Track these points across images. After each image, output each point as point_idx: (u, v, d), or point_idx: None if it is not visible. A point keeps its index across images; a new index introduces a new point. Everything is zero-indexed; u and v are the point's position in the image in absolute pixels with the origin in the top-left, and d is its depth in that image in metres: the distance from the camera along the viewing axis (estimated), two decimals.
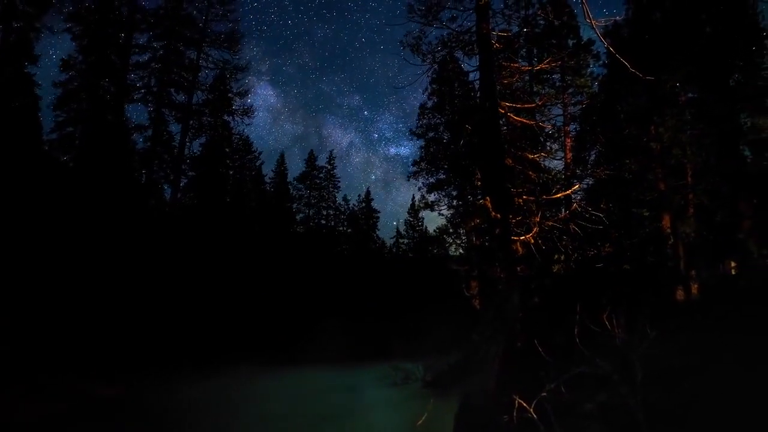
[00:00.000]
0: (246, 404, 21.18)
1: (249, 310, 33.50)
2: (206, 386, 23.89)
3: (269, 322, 33.39)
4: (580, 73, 33.21)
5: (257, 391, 23.67)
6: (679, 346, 13.59)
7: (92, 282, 25.87)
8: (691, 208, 28.08)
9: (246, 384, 24.92)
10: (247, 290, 34.89)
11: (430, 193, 39.86)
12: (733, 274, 31.14)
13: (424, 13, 22.44)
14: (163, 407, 20.17)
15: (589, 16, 5.62)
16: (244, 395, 22.69)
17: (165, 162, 40.05)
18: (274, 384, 25.43)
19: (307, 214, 60.87)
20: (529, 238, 19.53)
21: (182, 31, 40.40)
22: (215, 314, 30.98)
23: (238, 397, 22.25)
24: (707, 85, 28.35)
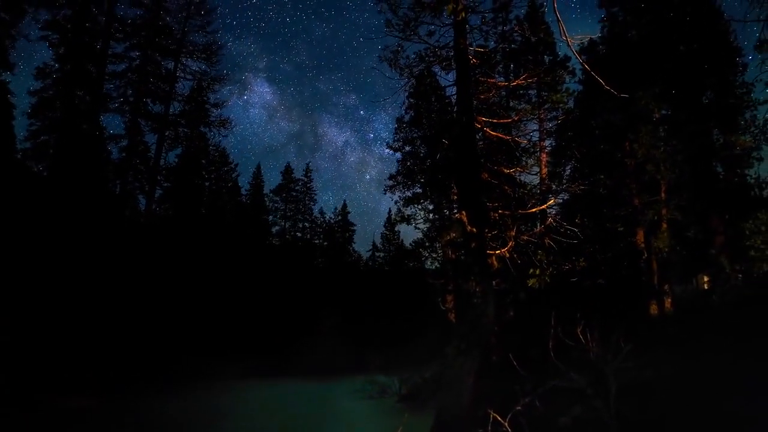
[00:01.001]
0: (217, 418, 21.02)
1: (223, 323, 33.26)
2: (180, 399, 23.68)
3: (243, 335, 33.18)
4: (556, 89, 33.45)
5: (229, 404, 23.50)
6: (652, 359, 13.70)
7: (66, 293, 25.56)
8: (665, 224, 28.35)
9: (218, 397, 24.73)
10: (222, 303, 34.66)
11: (407, 206, 39.84)
12: (706, 288, 31.47)
13: (402, 27, 22.48)
14: (134, 421, 19.99)
15: (565, 33, 5.69)
16: (216, 409, 22.52)
17: (140, 173, 39.73)
18: (246, 396, 25.29)
19: (283, 226, 60.74)
20: (504, 252, 19.61)
21: (159, 42, 40.23)
22: (188, 327, 30.72)
23: (210, 411, 22.08)
24: (681, 102, 28.72)
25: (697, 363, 14.09)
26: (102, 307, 26.80)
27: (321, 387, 27.77)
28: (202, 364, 28.54)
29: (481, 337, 16.03)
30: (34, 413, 19.65)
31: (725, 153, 28.34)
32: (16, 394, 20.23)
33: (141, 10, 39.50)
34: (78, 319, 25.32)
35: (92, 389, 22.75)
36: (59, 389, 21.91)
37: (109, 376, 24.15)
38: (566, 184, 31.78)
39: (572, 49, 6.44)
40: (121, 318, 27.37)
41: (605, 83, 6.69)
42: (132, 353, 26.35)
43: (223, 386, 26.59)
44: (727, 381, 11.93)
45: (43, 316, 23.92)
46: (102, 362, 24.62)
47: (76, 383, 22.70)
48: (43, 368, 22.30)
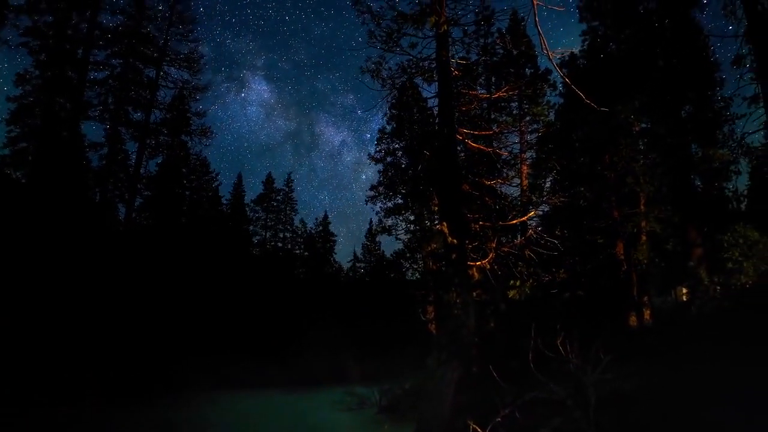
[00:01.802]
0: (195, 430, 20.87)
1: (201, 333, 33.05)
2: (156, 410, 23.49)
3: (222, 345, 32.97)
4: (537, 101, 33.71)
5: (206, 415, 23.34)
6: (632, 370, 13.78)
7: (42, 302, 25.30)
8: (644, 236, 28.57)
9: (195, 408, 24.56)
10: (201, 314, 34.46)
11: (388, 217, 39.87)
12: (685, 300, 31.69)
13: (385, 39, 22.55)
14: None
15: (546, 47, 5.75)
16: (192, 420, 22.34)
17: (120, 181, 39.47)
18: (223, 407, 25.11)
19: (263, 236, 60.55)
20: (485, 263, 19.67)
21: (141, 49, 40.05)
22: (166, 338, 30.49)
23: (186, 422, 21.90)
24: (660, 116, 29.00)
25: (677, 374, 14.18)
26: (79, 316, 26.54)
27: (300, 398, 27.63)
28: (180, 374, 28.30)
29: (461, 348, 16.05)
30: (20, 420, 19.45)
31: (704, 166, 28.62)
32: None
33: (123, 17, 39.34)
34: (55, 329, 25.06)
35: (66, 400, 22.49)
36: (34, 400, 21.65)
37: (83, 386, 23.88)
38: (547, 196, 31.96)
39: (553, 63, 6.51)
40: (99, 328, 27.11)
41: (586, 96, 6.76)
42: (108, 363, 26.09)
43: (201, 397, 26.39)
44: (707, 391, 12.01)
45: (18, 325, 23.65)
46: (76, 372, 24.34)
47: (51, 393, 22.44)
48: (14, 379, 22.03)
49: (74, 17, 35.32)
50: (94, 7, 35.98)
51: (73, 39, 35.31)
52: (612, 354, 12.21)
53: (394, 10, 22.39)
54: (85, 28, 36.10)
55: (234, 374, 30.43)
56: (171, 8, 41.54)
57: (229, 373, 30.35)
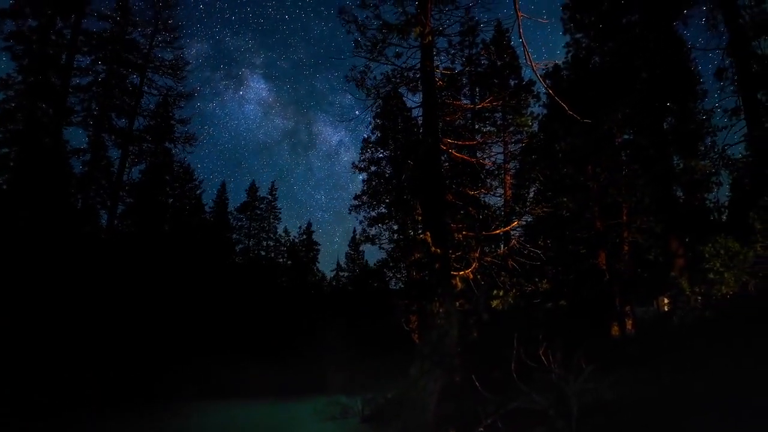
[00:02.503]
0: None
1: (182, 341, 32.83)
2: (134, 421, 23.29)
3: (203, 354, 32.77)
4: (521, 112, 33.89)
5: (186, 426, 23.16)
6: (613, 380, 13.82)
7: (24, 309, 25.06)
8: (626, 246, 28.75)
9: (175, 418, 24.37)
10: (182, 322, 34.25)
11: (372, 226, 39.86)
12: (666, 310, 31.87)
13: (370, 48, 22.64)
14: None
15: (529, 58, 5.80)
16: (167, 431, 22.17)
17: (103, 188, 39.13)
18: (204, 417, 24.94)
19: (246, 244, 60.33)
20: (468, 273, 19.73)
21: (126, 56, 39.88)
22: (147, 346, 30.27)
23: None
24: (642, 127, 29.24)
25: (659, 383, 14.25)
26: (59, 324, 26.30)
27: (282, 407, 27.48)
28: (162, 383, 28.09)
29: (444, 357, 16.07)
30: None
31: (685, 177, 28.86)
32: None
33: (108, 23, 39.16)
34: (34, 337, 24.82)
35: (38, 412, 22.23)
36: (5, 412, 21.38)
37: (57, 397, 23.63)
38: (530, 207, 32.11)
39: (537, 74, 6.56)
40: (79, 336, 26.88)
41: (569, 108, 6.82)
42: (86, 372, 25.84)
43: (182, 406, 26.16)
44: (689, 401, 12.08)
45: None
46: (51, 383, 24.09)
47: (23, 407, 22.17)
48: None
49: (58, 22, 35.09)
50: (78, 13, 35.78)
51: (57, 44, 35.06)
52: (594, 363, 12.25)
53: (380, 20, 22.50)
54: (70, 33, 35.88)
55: (216, 383, 30.22)
56: (156, 15, 41.41)
57: (210, 381, 30.14)
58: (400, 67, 23.35)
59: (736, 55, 26.06)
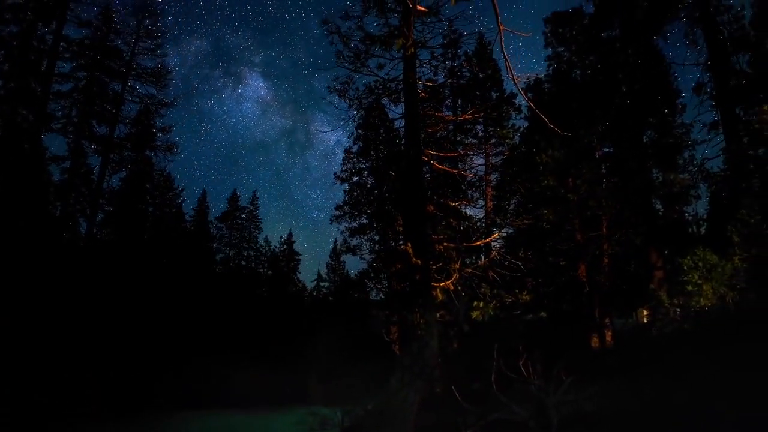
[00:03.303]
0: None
1: (161, 351, 32.57)
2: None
3: (184, 364, 32.53)
4: (502, 124, 34.05)
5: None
6: (593, 392, 13.87)
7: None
8: (606, 258, 28.90)
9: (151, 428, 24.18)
10: (161, 332, 33.98)
11: (353, 237, 39.82)
12: (645, 322, 32.04)
13: (353, 59, 22.69)
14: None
15: (511, 72, 5.84)
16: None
17: (82, 195, 38.77)
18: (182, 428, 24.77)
19: (227, 254, 59.98)
20: (449, 284, 19.75)
21: (107, 63, 39.62)
22: (125, 355, 30.00)
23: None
24: (622, 140, 29.49)
25: (638, 395, 14.32)
26: (34, 333, 26.01)
27: (261, 419, 27.31)
28: (140, 393, 27.84)
29: (424, 369, 16.06)
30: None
31: (664, 190, 29.12)
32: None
33: (90, 30, 38.88)
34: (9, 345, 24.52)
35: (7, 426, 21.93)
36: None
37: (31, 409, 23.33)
38: (510, 218, 32.25)
39: (518, 87, 6.60)
40: (55, 345, 26.59)
41: (550, 120, 6.86)
42: (63, 383, 25.56)
43: (160, 416, 25.95)
44: (667, 413, 12.15)
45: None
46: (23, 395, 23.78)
47: None
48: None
49: (40, 28, 34.84)
50: (60, 19, 35.53)
51: (38, 50, 34.79)
52: (574, 375, 12.30)
53: (363, 32, 22.57)
54: (51, 39, 35.63)
55: (193, 393, 29.99)
56: (139, 22, 41.25)
57: (190, 392, 29.90)
58: (383, 79, 23.42)
59: (715, 70, 26.39)
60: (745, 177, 23.31)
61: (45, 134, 35.77)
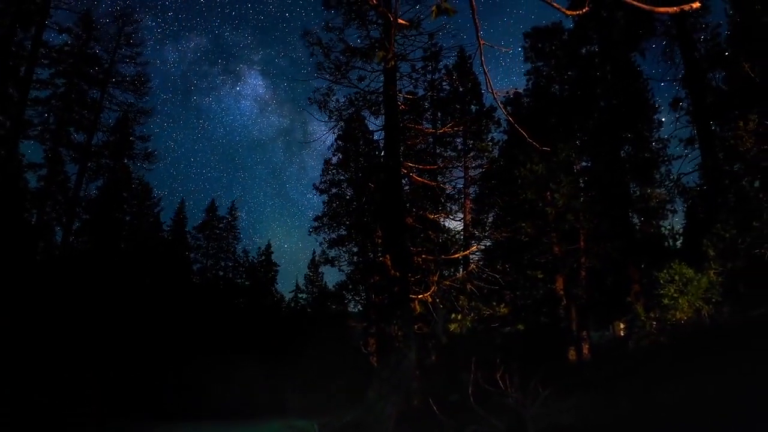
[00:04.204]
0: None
1: (137, 361, 32.27)
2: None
3: (159, 375, 32.26)
4: (482, 137, 34.19)
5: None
6: (570, 405, 13.93)
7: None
8: (583, 272, 29.05)
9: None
10: (137, 341, 33.66)
11: (331, 248, 39.72)
12: (622, 335, 32.25)
13: (333, 71, 22.73)
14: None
15: (490, 86, 5.87)
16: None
17: (59, 203, 38.39)
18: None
19: (204, 264, 59.58)
20: (427, 296, 19.78)
21: (86, 70, 39.36)
22: (101, 365, 29.67)
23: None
24: (600, 155, 29.76)
25: (614, 408, 14.39)
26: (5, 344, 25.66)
27: (237, 430, 27.15)
28: (113, 404, 27.56)
29: (402, 381, 16.05)
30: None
31: (641, 205, 29.41)
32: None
33: (69, 37, 38.64)
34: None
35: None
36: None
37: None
38: (489, 231, 32.34)
39: (498, 102, 6.63)
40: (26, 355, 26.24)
41: (529, 134, 6.90)
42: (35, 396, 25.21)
43: (136, 428, 25.71)
44: (642, 426, 12.22)
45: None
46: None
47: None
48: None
49: (18, 34, 34.52)
50: (40, 25, 35.23)
51: (17, 56, 34.45)
52: (551, 388, 12.35)
53: (344, 43, 22.61)
54: (30, 45, 35.32)
55: (169, 404, 29.77)
56: (119, 30, 41.00)
57: (163, 403, 29.68)
58: (363, 90, 23.49)
59: (692, 86, 26.74)
60: (720, 192, 23.60)
61: (22, 141, 35.37)
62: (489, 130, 34.88)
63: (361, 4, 22.09)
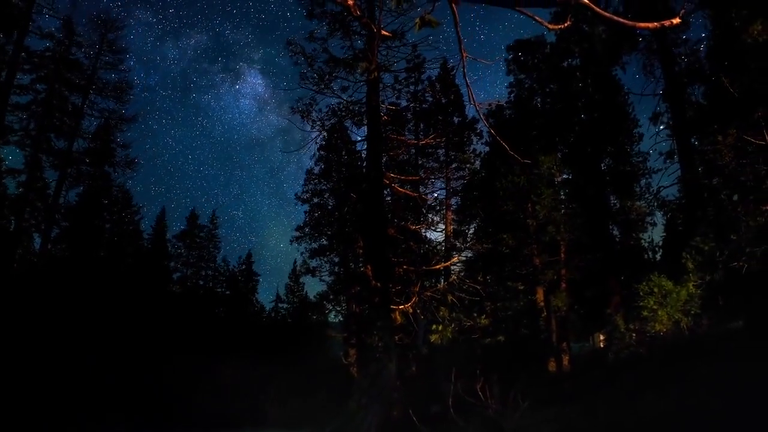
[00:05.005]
0: None
1: (116, 371, 31.97)
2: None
3: (138, 384, 31.96)
4: (464, 149, 34.30)
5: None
6: (549, 416, 13.96)
7: None
8: (564, 283, 29.16)
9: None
10: (115, 351, 33.36)
11: (312, 258, 39.60)
12: (602, 346, 32.38)
13: (317, 81, 22.74)
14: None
15: (473, 98, 5.90)
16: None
17: (37, 210, 37.99)
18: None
19: (185, 273, 59.17)
20: (408, 307, 19.79)
21: (68, 76, 39.06)
22: (80, 374, 29.39)
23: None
24: (581, 167, 29.96)
25: (593, 419, 14.43)
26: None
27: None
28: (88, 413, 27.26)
29: (382, 391, 16.02)
30: None
31: (621, 217, 29.65)
32: None
33: (51, 42, 38.35)
34: None
35: None
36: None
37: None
38: (470, 242, 32.41)
39: (480, 114, 6.69)
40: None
41: (510, 146, 6.94)
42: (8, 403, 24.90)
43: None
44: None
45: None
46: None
47: None
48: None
49: (0, 39, 34.28)
50: (22, 30, 34.99)
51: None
52: (531, 399, 12.37)
53: (327, 54, 22.63)
54: (11, 50, 35.03)
55: (147, 414, 29.49)
56: (102, 36, 40.75)
57: (141, 412, 29.39)
58: (346, 101, 23.50)
59: (672, 100, 26.99)
60: (699, 205, 23.81)
61: (1, 146, 35.09)
62: (471, 142, 35.02)
63: (345, 15, 22.14)
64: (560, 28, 5.33)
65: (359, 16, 20.92)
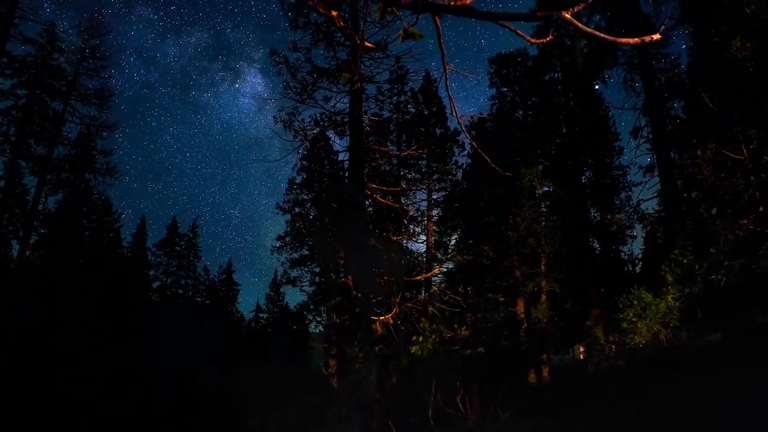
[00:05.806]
0: None
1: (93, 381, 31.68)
2: None
3: (116, 395, 31.68)
4: (446, 160, 34.39)
5: None
6: (529, 427, 13.99)
7: None
8: (544, 295, 29.28)
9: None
10: (93, 359, 33.06)
11: (293, 268, 39.47)
12: (582, 358, 32.51)
13: (300, 91, 22.71)
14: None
15: (455, 111, 5.94)
16: None
17: (16, 216, 37.62)
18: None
19: (164, 282, 58.80)
20: (388, 318, 19.75)
21: (49, 81, 38.77)
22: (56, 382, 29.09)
23: None
24: (561, 180, 30.14)
25: (574, 430, 14.48)
26: None
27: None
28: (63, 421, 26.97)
29: (362, 403, 15.97)
30: None
31: (602, 230, 29.85)
32: None
33: (33, 47, 38.07)
34: None
35: None
36: None
37: None
38: (451, 254, 32.47)
39: (462, 127, 6.72)
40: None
41: (492, 158, 6.98)
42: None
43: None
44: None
45: None
46: None
47: None
48: None
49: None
50: (3, 35, 34.73)
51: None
52: (511, 411, 12.39)
53: (311, 64, 22.63)
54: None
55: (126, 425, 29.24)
56: (84, 42, 40.51)
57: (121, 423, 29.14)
58: (329, 111, 23.48)
59: (652, 114, 27.27)
60: (678, 218, 24.04)
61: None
62: (453, 154, 35.12)
63: (329, 25, 22.18)
64: (542, 41, 5.39)
65: (343, 27, 20.97)
